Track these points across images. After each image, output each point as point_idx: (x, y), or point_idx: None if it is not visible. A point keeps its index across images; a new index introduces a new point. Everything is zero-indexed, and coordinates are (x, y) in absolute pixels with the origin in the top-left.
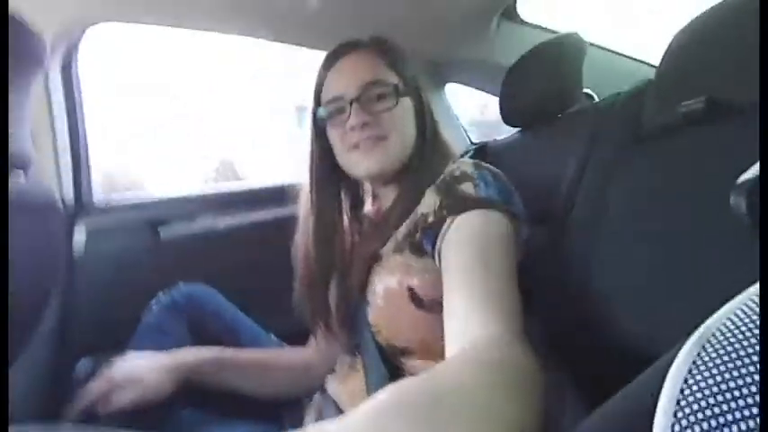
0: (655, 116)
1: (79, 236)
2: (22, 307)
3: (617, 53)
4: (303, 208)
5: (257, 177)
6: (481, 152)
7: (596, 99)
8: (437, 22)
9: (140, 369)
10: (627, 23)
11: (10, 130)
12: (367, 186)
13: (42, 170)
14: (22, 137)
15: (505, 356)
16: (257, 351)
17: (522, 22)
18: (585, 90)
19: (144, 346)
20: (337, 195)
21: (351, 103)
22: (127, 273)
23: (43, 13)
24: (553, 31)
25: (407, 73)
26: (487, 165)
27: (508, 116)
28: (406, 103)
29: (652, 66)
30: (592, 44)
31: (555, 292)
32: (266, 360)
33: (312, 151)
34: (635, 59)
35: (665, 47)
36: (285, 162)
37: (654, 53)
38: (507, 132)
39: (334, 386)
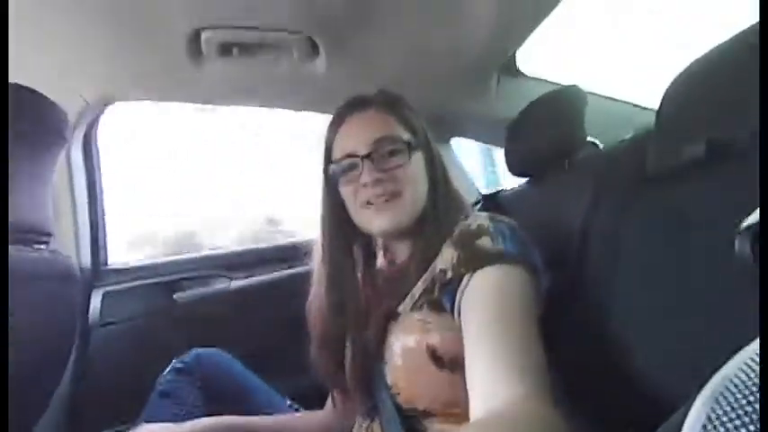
0: (658, 161)
1: (95, 301)
2: (38, 375)
3: (619, 101)
4: (317, 265)
5: (306, 233)
6: (491, 202)
7: (601, 147)
8: (439, 78)
9: None
10: (627, 71)
11: (32, 201)
12: (378, 241)
13: (61, 237)
14: (44, 208)
15: (531, 420)
16: (272, 418)
17: (522, 76)
18: (590, 139)
19: (157, 415)
20: (350, 251)
21: (363, 160)
22: (141, 336)
23: (68, 92)
24: (553, 83)
25: (418, 127)
26: (503, 217)
27: (514, 167)
28: (419, 157)
29: (654, 111)
30: (593, 93)
31: (574, 342)
32: (281, 426)
33: (324, 208)
34: (637, 106)
35: (664, 91)
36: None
37: (656, 97)
38: None
39: None
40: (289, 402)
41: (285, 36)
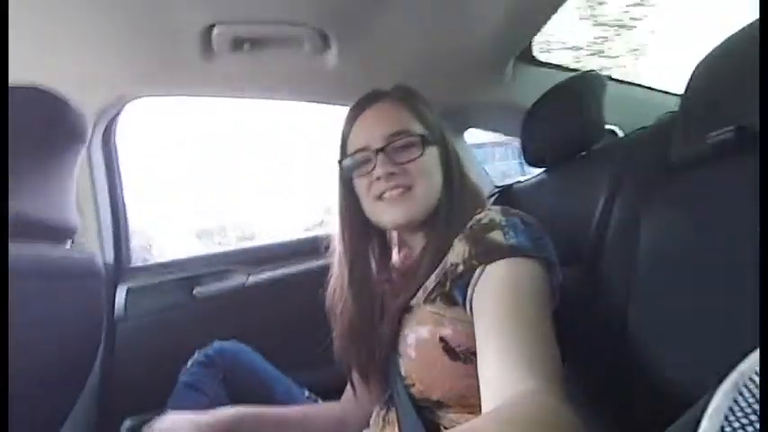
0: (683, 148)
1: (120, 297)
2: (69, 369)
3: (640, 86)
4: (337, 260)
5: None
6: (506, 194)
7: (620, 135)
8: (454, 69)
9: (178, 428)
10: (646, 55)
11: (54, 200)
12: (393, 235)
13: (86, 235)
14: (68, 207)
15: (542, 414)
16: (292, 408)
17: (539, 63)
18: (609, 126)
19: (182, 405)
20: (368, 245)
21: (376, 154)
22: (164, 329)
23: (84, 93)
24: (571, 70)
25: (433, 121)
26: (516, 210)
27: (531, 157)
28: (433, 151)
29: (677, 96)
30: (612, 79)
31: (589, 336)
32: (301, 416)
33: (341, 201)
34: (659, 90)
35: (690, 75)
36: None
37: (677, 83)
38: None
39: None
40: (307, 394)
41: (296, 30)
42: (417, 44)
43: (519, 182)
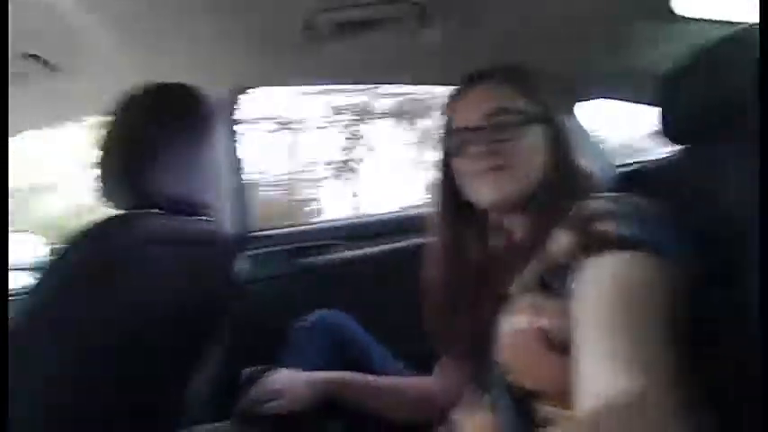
0: None
1: (240, 263)
2: (198, 325)
3: None
4: (432, 239)
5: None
6: (629, 177)
7: None
8: (570, 35)
9: (285, 384)
10: None
11: (193, 181)
12: (494, 217)
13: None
14: (206, 184)
15: (646, 414)
16: (385, 377)
17: (677, 18)
18: None
19: (289, 364)
20: (464, 226)
21: (476, 132)
22: (274, 296)
23: (212, 81)
24: (718, 22)
25: (540, 98)
26: (631, 197)
27: (671, 131)
28: (537, 130)
29: None
30: None
31: (727, 341)
32: (396, 386)
33: (439, 181)
34: None
35: None
36: None
37: None
38: None
39: (461, 418)
40: (402, 365)
41: (400, 8)
42: (527, 10)
43: (645, 162)
